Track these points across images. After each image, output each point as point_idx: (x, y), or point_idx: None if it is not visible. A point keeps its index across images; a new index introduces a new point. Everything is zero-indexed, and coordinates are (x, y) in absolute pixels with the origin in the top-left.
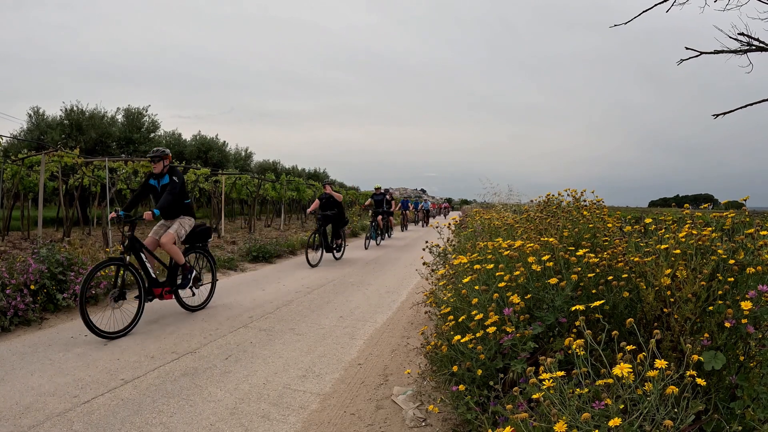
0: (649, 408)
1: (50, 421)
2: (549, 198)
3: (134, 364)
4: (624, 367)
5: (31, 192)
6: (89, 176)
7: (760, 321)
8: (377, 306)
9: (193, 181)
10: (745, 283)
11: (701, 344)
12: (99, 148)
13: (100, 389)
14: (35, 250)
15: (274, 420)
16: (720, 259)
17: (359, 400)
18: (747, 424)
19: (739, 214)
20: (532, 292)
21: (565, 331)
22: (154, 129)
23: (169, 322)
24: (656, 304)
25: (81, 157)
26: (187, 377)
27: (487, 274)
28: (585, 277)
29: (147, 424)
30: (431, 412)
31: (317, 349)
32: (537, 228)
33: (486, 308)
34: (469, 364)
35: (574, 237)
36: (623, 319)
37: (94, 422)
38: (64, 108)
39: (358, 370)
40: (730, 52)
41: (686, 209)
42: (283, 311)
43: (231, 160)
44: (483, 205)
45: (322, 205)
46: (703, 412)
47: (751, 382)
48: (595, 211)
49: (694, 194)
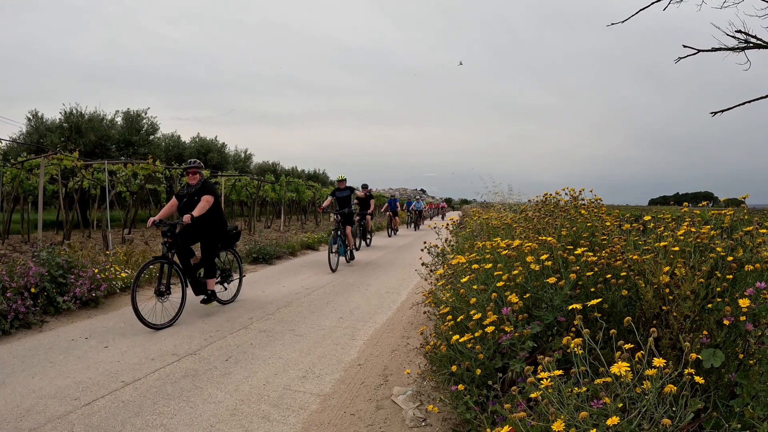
0: (648, 406)
1: (51, 423)
2: (547, 197)
3: (135, 366)
4: (621, 366)
5: (30, 195)
6: (89, 179)
7: (759, 318)
8: (377, 306)
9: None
10: (743, 280)
11: (700, 342)
12: (98, 150)
13: (100, 391)
14: (35, 253)
15: (275, 421)
16: (719, 257)
17: (359, 401)
18: (746, 422)
19: (738, 212)
20: (531, 291)
21: (563, 330)
22: (154, 131)
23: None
24: (655, 301)
25: (80, 159)
26: (188, 379)
27: (486, 274)
28: (583, 276)
29: (147, 426)
30: (431, 411)
31: (317, 350)
32: (535, 227)
33: (484, 308)
34: (468, 363)
35: (573, 236)
36: (622, 317)
37: (95, 424)
38: (63, 111)
39: (358, 370)
40: (728, 49)
41: (685, 207)
42: (283, 312)
43: (230, 161)
44: (482, 204)
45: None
46: (702, 410)
47: (751, 380)
48: (593, 210)
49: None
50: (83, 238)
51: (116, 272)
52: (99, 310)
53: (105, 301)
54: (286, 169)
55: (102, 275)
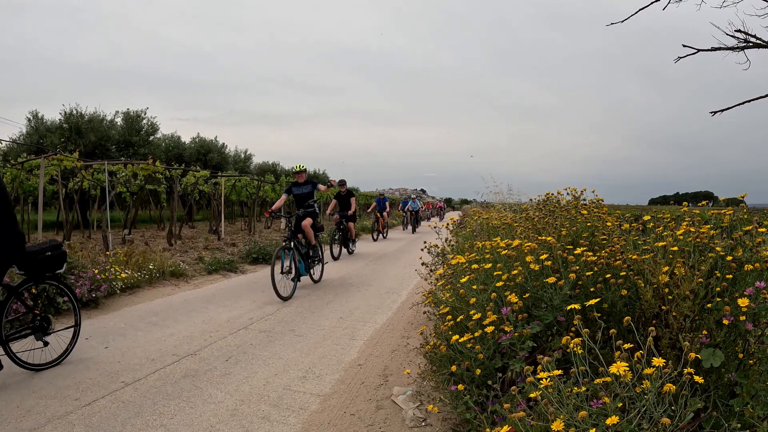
0: (647, 406)
1: (51, 423)
2: (548, 197)
3: (135, 366)
4: (620, 366)
5: (30, 196)
6: (89, 179)
7: (759, 318)
8: (377, 306)
9: (193, 183)
10: (743, 280)
11: (700, 342)
12: (98, 151)
13: (100, 392)
14: None
15: (275, 421)
16: (718, 256)
17: (359, 401)
18: (746, 422)
19: (738, 211)
20: (531, 291)
21: (563, 330)
22: (154, 131)
23: (168, 324)
24: (654, 301)
25: (80, 160)
26: (188, 379)
27: (485, 274)
28: (583, 276)
29: (147, 426)
30: (431, 411)
31: (317, 350)
32: (535, 227)
33: (484, 308)
34: (468, 363)
35: (572, 236)
36: (622, 317)
37: (95, 425)
38: (63, 111)
39: (358, 370)
40: (728, 49)
41: (685, 207)
42: (284, 312)
43: (230, 162)
44: (482, 204)
45: None
46: (701, 410)
47: (750, 380)
48: (594, 210)
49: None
50: (83, 238)
51: (116, 273)
52: (99, 311)
53: (105, 301)
54: (287, 170)
55: (102, 276)
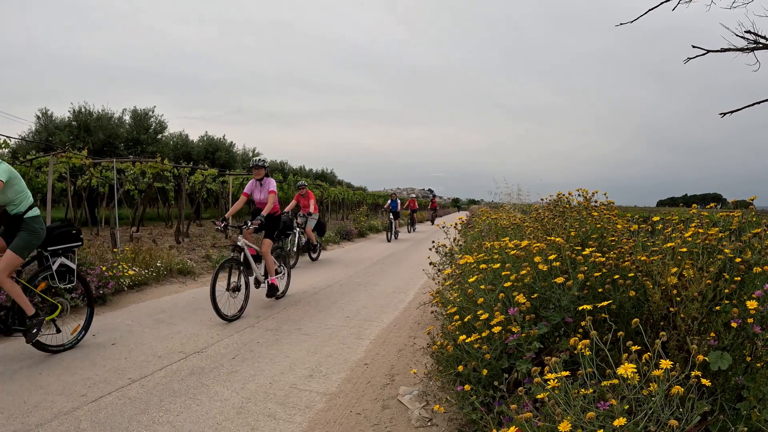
0: (655, 408)
1: (58, 419)
2: (559, 197)
3: (142, 363)
4: (628, 368)
5: (39, 193)
6: (97, 177)
7: (767, 321)
8: (384, 306)
9: (201, 181)
10: (752, 282)
11: (708, 344)
12: (107, 149)
13: (107, 388)
14: None
15: (281, 419)
16: (727, 259)
17: (365, 400)
18: (753, 426)
19: (746, 214)
20: (539, 291)
21: (571, 331)
22: (162, 130)
23: (175, 321)
24: (663, 303)
25: (89, 158)
26: (194, 376)
27: (494, 274)
28: (591, 277)
29: (154, 423)
30: (437, 412)
31: (324, 349)
32: (545, 228)
33: (492, 308)
34: (475, 363)
35: (581, 236)
36: (630, 318)
37: (102, 421)
38: (72, 109)
39: (364, 369)
40: (737, 50)
41: (694, 209)
42: (290, 311)
43: (238, 160)
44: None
45: None
46: (708, 413)
47: (758, 383)
48: (604, 212)
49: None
50: (91, 235)
51: (124, 270)
52: (107, 308)
53: (113, 298)
54: (294, 168)
55: (110, 273)
